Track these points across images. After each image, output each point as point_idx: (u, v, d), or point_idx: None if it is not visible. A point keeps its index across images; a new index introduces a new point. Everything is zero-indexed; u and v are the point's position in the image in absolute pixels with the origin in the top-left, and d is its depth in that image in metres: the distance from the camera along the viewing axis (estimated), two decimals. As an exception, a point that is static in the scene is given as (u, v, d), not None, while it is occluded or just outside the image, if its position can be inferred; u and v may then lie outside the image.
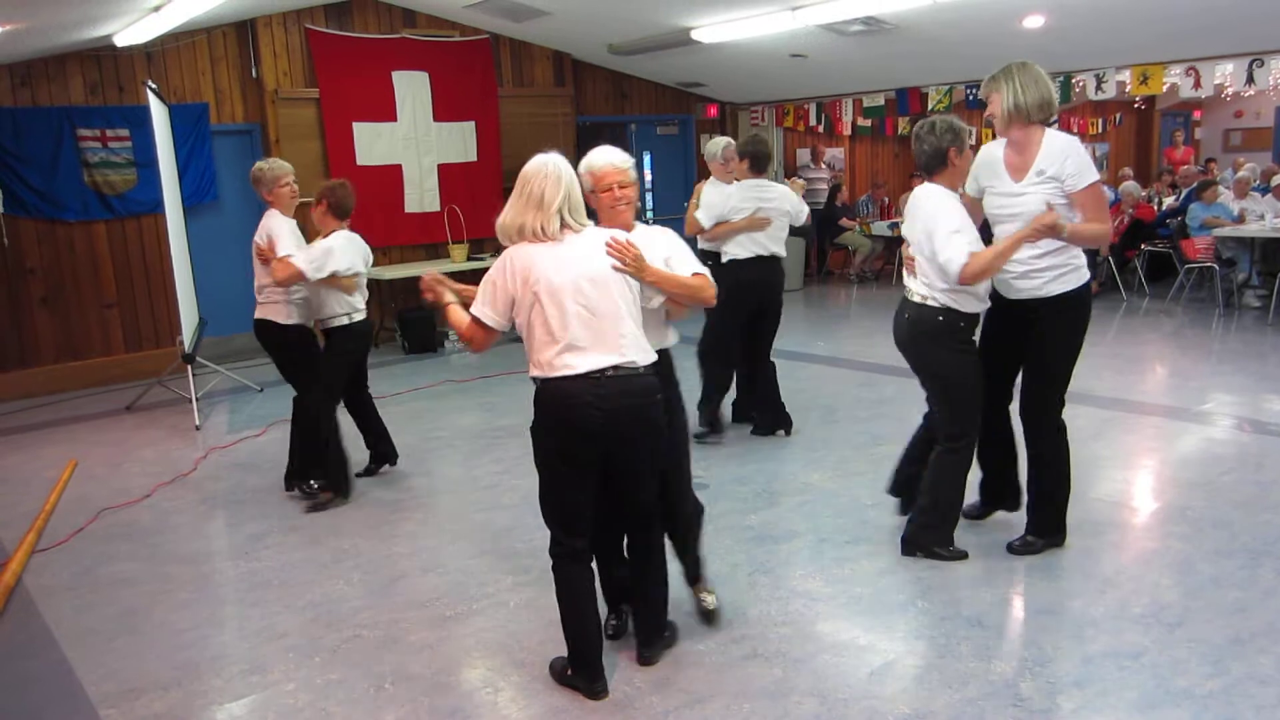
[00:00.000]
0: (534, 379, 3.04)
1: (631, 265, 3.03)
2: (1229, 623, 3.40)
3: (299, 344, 5.11)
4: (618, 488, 3.14)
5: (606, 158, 3.27)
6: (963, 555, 3.99)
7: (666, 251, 3.26)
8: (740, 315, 5.63)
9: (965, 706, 2.99)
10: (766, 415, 5.88)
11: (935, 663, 3.24)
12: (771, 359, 5.85)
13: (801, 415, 6.03)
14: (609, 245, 3.02)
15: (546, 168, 3.00)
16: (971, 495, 4.18)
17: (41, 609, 3.99)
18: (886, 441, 5.61)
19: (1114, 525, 4.35)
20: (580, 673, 3.14)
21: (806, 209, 5.87)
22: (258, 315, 5.06)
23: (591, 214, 3.21)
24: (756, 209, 5.54)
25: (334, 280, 4.86)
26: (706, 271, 3.30)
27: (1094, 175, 3.74)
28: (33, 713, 3.25)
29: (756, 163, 5.62)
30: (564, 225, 3.00)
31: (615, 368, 2.97)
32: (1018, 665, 3.20)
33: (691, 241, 4.12)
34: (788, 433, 5.85)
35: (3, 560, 4.44)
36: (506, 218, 3.03)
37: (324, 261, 4.80)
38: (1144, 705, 2.94)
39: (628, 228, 3.25)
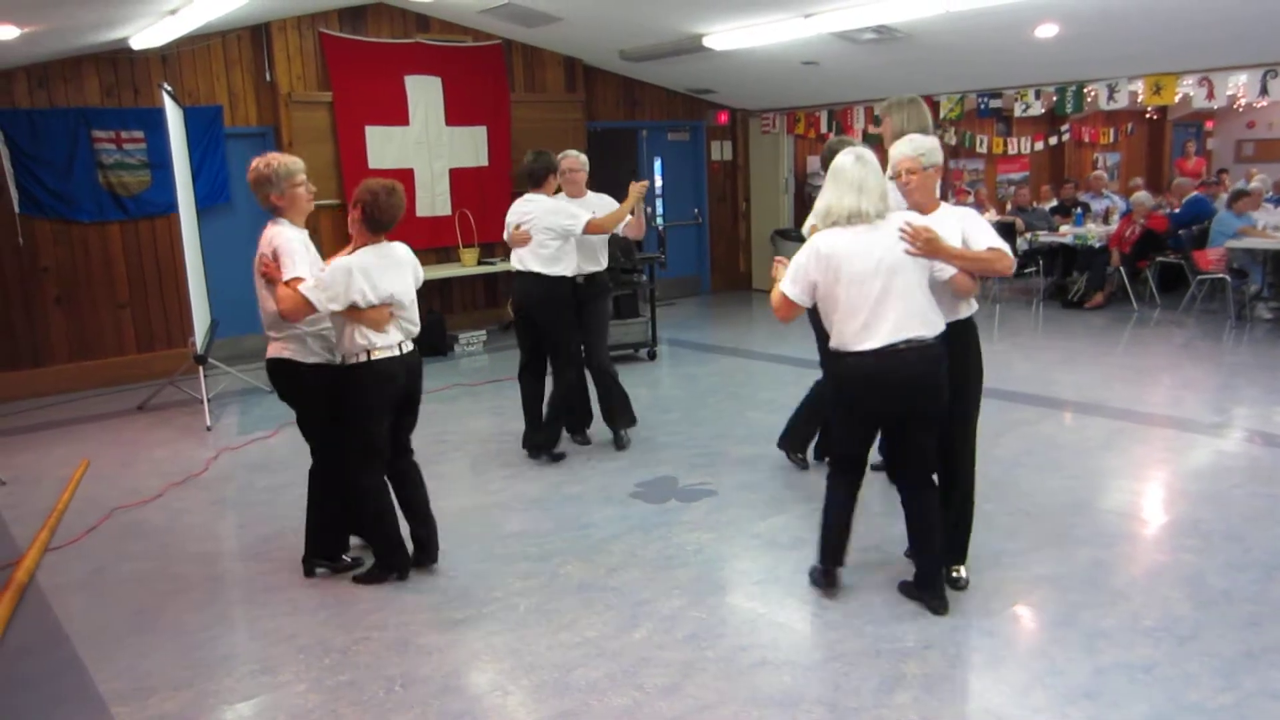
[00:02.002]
0: (834, 349, 3.60)
1: (923, 247, 3.43)
2: (1241, 637, 3.39)
3: (323, 389, 4.00)
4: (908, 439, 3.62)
5: (899, 149, 3.67)
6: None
7: (961, 227, 3.60)
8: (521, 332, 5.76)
9: (977, 717, 2.98)
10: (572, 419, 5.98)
11: (946, 673, 3.24)
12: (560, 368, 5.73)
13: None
14: (902, 231, 3.44)
15: (866, 159, 3.52)
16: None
17: (54, 607, 4.01)
18: (896, 450, 5.60)
19: (1124, 537, 4.34)
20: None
21: (570, 222, 5.46)
22: (270, 354, 3.98)
23: None
24: (517, 224, 5.53)
25: (356, 313, 3.84)
26: (1004, 246, 3.58)
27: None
28: (45, 710, 3.26)
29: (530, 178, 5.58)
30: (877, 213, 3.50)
31: (907, 342, 3.44)
32: (1029, 676, 3.20)
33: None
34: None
35: (16, 558, 4.46)
36: (829, 202, 3.53)
37: (340, 288, 3.78)
38: (1155, 718, 2.93)
39: (921, 209, 3.64)
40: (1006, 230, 11.26)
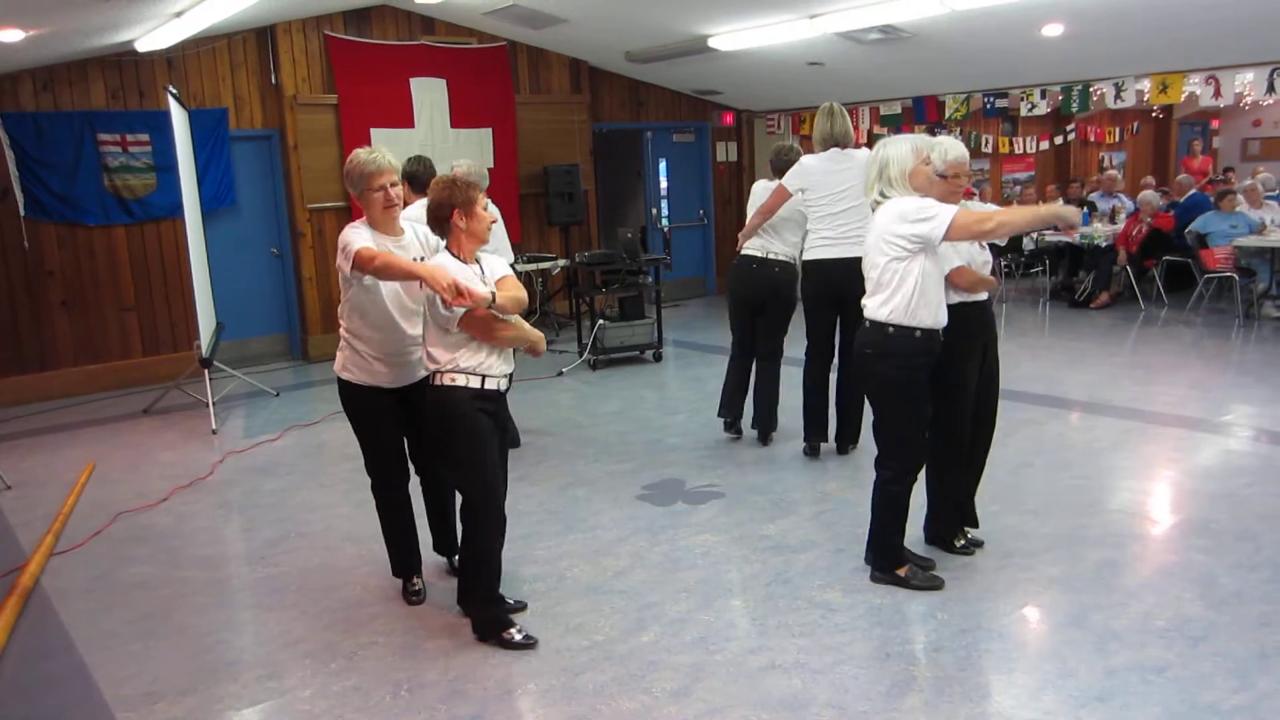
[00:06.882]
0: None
1: None
2: (1254, 637, 3.36)
3: None
4: None
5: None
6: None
7: None
8: None
9: (987, 720, 2.96)
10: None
11: (957, 675, 3.21)
12: None
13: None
14: None
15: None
16: None
17: (59, 612, 4.00)
18: (904, 451, 5.57)
19: (1135, 537, 4.31)
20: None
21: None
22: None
23: None
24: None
25: None
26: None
27: None
28: (51, 715, 3.25)
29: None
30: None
31: None
32: (1040, 678, 3.17)
33: None
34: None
35: (21, 563, 4.45)
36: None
37: None
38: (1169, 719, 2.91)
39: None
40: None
